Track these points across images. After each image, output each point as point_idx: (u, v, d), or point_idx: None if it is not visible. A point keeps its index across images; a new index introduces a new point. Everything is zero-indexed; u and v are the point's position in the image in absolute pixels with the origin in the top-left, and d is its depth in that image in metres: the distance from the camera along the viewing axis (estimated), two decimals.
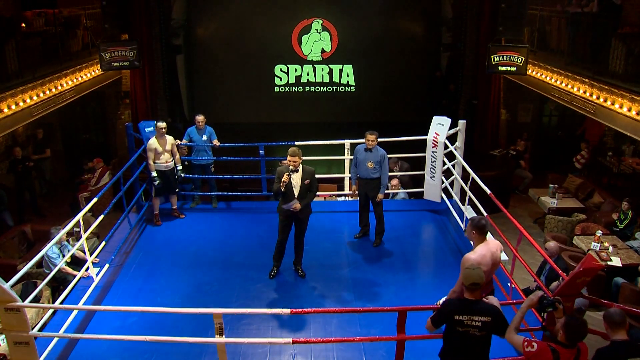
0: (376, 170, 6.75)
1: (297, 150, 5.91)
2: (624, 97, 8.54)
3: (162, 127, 7.31)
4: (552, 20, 11.56)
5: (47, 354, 4.77)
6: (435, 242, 7.31)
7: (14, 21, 9.50)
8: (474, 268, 3.94)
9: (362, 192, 6.95)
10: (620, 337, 3.84)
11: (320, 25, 13.24)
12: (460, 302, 3.94)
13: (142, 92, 12.28)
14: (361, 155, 6.82)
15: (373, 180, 6.79)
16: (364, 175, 6.82)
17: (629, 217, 8.98)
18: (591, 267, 4.33)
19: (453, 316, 3.88)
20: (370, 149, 6.76)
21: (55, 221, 9.52)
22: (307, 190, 5.99)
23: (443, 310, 3.98)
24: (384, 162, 6.75)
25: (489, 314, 3.86)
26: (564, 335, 3.71)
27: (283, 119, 13.48)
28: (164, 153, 7.37)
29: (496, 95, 12.77)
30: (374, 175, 6.77)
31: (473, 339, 3.87)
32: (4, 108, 8.32)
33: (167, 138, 7.41)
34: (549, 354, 3.65)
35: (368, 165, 6.74)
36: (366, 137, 6.78)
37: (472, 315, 3.85)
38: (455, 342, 3.95)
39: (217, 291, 5.99)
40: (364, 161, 6.77)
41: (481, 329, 3.85)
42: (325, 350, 5.02)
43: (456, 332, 3.89)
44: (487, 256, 4.44)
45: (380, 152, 6.76)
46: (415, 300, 5.72)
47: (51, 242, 5.54)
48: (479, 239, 4.53)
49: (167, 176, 7.45)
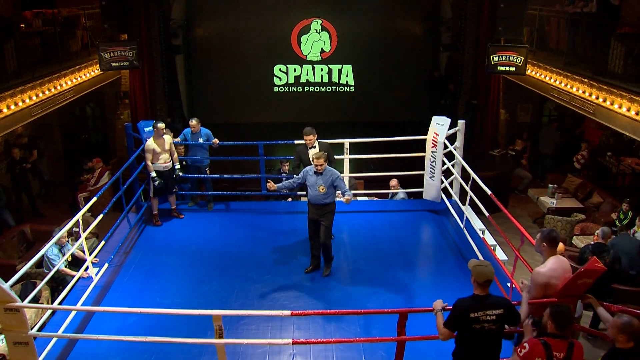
0: (328, 195, 5.97)
1: (310, 129, 6.24)
2: (623, 97, 8.54)
3: (161, 127, 7.28)
4: (551, 20, 11.57)
5: (47, 354, 4.76)
6: (435, 242, 7.31)
7: (13, 21, 9.47)
8: (486, 265, 3.98)
9: (312, 219, 6.16)
10: (627, 345, 3.77)
11: (319, 25, 13.24)
12: (472, 299, 3.97)
13: (141, 92, 12.28)
14: (311, 179, 6.00)
15: (326, 205, 6.03)
16: (315, 201, 6.03)
17: (629, 217, 8.98)
18: (593, 268, 4.23)
19: (468, 315, 3.90)
20: (321, 173, 5.94)
21: (54, 221, 9.53)
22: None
23: (457, 312, 3.97)
24: (337, 183, 5.95)
25: (501, 306, 3.92)
26: (553, 325, 3.77)
27: (282, 119, 13.48)
28: (163, 153, 7.33)
29: (495, 95, 12.77)
30: (326, 200, 6.00)
31: (489, 333, 3.92)
32: (3, 108, 8.30)
33: (165, 138, 7.39)
34: (540, 347, 3.72)
35: (319, 189, 5.96)
36: (313, 161, 5.92)
37: (486, 310, 3.89)
38: (471, 340, 3.97)
39: (216, 291, 5.98)
40: (314, 185, 5.98)
41: (495, 321, 3.91)
42: (325, 351, 5.01)
43: (472, 330, 3.91)
44: (559, 270, 4.24)
45: (332, 174, 5.95)
46: (415, 300, 5.74)
47: (50, 242, 5.53)
48: (550, 251, 4.32)
49: (165, 176, 7.43)
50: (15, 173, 10.56)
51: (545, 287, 4.20)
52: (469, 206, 7.08)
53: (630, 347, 3.76)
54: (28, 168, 10.79)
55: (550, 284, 4.19)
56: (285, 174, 8.69)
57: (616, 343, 3.81)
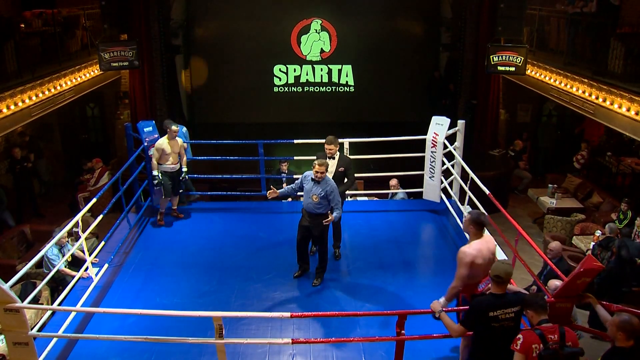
0: (321, 205, 5.77)
1: (333, 138, 6.13)
2: (623, 97, 8.54)
3: (175, 129, 7.28)
4: (551, 20, 11.57)
5: (47, 354, 4.76)
6: (435, 242, 7.31)
7: (13, 21, 9.47)
8: (503, 262, 4.04)
9: (302, 225, 6.02)
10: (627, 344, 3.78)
11: (319, 26, 13.24)
12: (492, 297, 4.00)
13: (141, 92, 12.28)
14: (307, 185, 5.83)
15: (318, 215, 5.82)
16: (308, 209, 5.87)
17: (629, 217, 8.99)
18: (592, 267, 4.33)
19: (487, 313, 3.91)
20: (318, 181, 5.75)
21: (54, 221, 9.53)
22: (342, 178, 6.06)
23: (476, 310, 3.98)
24: (331, 197, 5.73)
25: (518, 303, 3.96)
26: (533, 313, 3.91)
27: (282, 119, 13.48)
28: (172, 155, 7.32)
29: (495, 95, 12.78)
30: (319, 210, 5.80)
31: (508, 331, 3.94)
32: (3, 108, 8.30)
33: (178, 140, 7.41)
34: (534, 334, 3.80)
35: (312, 198, 5.78)
36: (314, 166, 5.73)
37: (505, 308, 3.92)
38: (490, 338, 3.98)
39: (216, 291, 5.98)
40: (308, 192, 5.81)
41: (514, 319, 3.95)
42: (325, 351, 5.01)
43: (491, 328, 3.93)
44: (483, 251, 4.46)
45: (329, 186, 5.73)
46: (415, 300, 5.73)
47: (50, 243, 5.53)
48: (476, 234, 4.55)
49: (173, 177, 7.42)
50: (16, 172, 10.56)
51: (471, 266, 4.39)
52: (468, 206, 7.08)
53: (630, 346, 3.76)
54: (29, 167, 10.79)
55: (475, 263, 4.40)
56: (284, 174, 8.69)
57: (616, 342, 3.82)
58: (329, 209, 5.82)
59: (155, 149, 7.25)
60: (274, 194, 5.95)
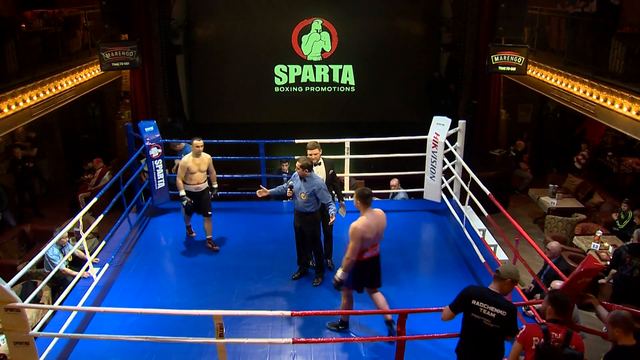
0: (310, 203, 5.78)
1: (314, 143, 6.12)
2: (623, 97, 8.54)
3: (198, 144, 6.55)
4: (551, 20, 11.57)
5: (47, 354, 4.76)
6: (435, 242, 7.31)
7: (13, 21, 9.49)
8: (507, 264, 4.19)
9: (296, 225, 6.06)
10: (629, 342, 3.78)
11: (320, 25, 13.23)
12: (482, 289, 4.09)
13: (142, 92, 12.29)
14: (296, 184, 5.83)
15: (307, 214, 5.85)
16: (298, 208, 5.91)
17: (629, 218, 8.98)
18: (592, 267, 4.35)
19: (471, 301, 3.98)
20: (304, 179, 5.75)
21: (55, 221, 9.54)
22: (331, 181, 6.15)
23: (463, 294, 4.07)
24: (319, 194, 5.72)
25: (505, 308, 3.94)
26: (552, 310, 3.84)
27: (283, 119, 13.47)
28: (198, 173, 6.64)
29: (496, 95, 12.77)
30: (308, 209, 5.82)
31: (487, 330, 3.94)
32: (3, 108, 8.31)
33: (204, 156, 6.68)
34: (537, 327, 3.80)
35: (301, 196, 5.77)
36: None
37: (489, 305, 3.93)
38: (469, 330, 4.03)
39: (216, 291, 5.98)
40: (297, 191, 5.81)
41: (494, 320, 3.92)
42: (325, 350, 5.01)
43: (471, 318, 3.99)
44: (372, 225, 4.85)
45: (315, 182, 5.71)
46: (415, 300, 5.74)
47: (51, 243, 5.53)
48: (365, 208, 4.90)
49: (197, 197, 6.72)
50: (17, 172, 10.57)
51: (362, 240, 4.78)
52: (469, 206, 7.08)
53: (633, 345, 3.77)
54: (31, 167, 10.80)
55: (365, 237, 4.79)
56: (285, 173, 8.69)
57: (617, 340, 3.82)
58: (319, 207, 5.86)
59: (180, 167, 6.67)
60: (264, 193, 5.99)
